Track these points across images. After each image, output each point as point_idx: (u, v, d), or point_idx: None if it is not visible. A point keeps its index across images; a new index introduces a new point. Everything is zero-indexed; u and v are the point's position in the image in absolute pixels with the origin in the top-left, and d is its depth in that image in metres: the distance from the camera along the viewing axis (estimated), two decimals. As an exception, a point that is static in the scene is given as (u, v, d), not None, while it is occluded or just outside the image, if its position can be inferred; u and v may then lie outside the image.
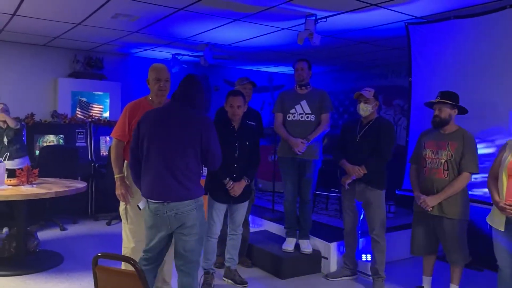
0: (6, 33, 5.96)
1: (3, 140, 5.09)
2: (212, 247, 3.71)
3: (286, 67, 8.74)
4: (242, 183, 3.60)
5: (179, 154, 2.62)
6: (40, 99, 6.89)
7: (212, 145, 2.70)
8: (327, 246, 4.24)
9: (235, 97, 3.59)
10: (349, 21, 4.80)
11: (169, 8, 4.48)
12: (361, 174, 3.67)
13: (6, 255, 4.24)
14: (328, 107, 4.10)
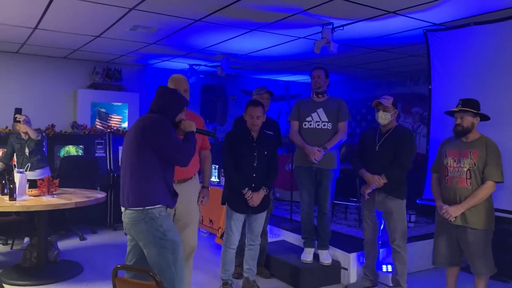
0: (28, 47, 6.10)
1: (24, 151, 5.16)
2: (230, 258, 3.69)
3: (303, 75, 8.73)
4: (260, 193, 3.59)
5: (133, 159, 2.59)
6: (60, 110, 7.02)
7: (167, 143, 2.55)
8: (346, 256, 4.17)
9: (255, 108, 3.57)
10: (366, 29, 4.77)
11: (186, 19, 4.52)
12: (381, 183, 3.62)
13: (28, 264, 4.28)
14: (346, 115, 4.06)
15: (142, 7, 4.08)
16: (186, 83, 3.25)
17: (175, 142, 2.58)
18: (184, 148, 2.61)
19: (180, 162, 2.65)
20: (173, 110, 2.72)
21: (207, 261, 4.67)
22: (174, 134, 2.61)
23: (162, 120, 2.60)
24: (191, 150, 2.66)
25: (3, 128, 6.31)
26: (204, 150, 3.46)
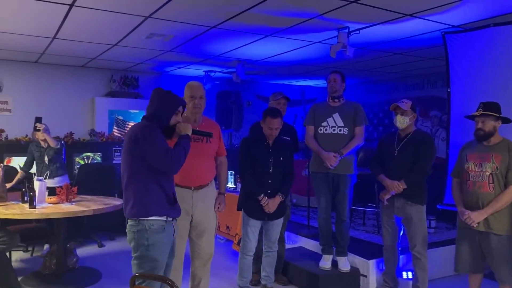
0: (46, 56, 6.21)
1: (44, 159, 5.23)
2: (248, 265, 3.67)
3: (318, 80, 8.70)
4: (276, 199, 3.56)
5: (126, 169, 2.57)
6: (78, 118, 7.12)
7: (151, 150, 2.47)
8: (365, 263, 4.11)
9: (274, 120, 3.52)
10: (383, 32, 4.73)
11: (202, 26, 4.54)
12: (400, 189, 3.56)
13: (47, 271, 4.32)
14: (362, 120, 4.00)
15: (158, 15, 4.11)
16: (201, 89, 3.25)
17: (159, 149, 2.47)
18: (170, 154, 2.47)
19: (167, 170, 2.53)
20: (165, 113, 2.62)
21: (224, 268, 4.65)
22: (159, 140, 2.50)
23: (147, 127, 2.53)
24: (179, 156, 2.52)
25: (23, 137, 6.43)
26: (220, 156, 3.45)
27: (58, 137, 6.48)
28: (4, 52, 5.95)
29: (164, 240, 2.55)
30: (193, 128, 2.83)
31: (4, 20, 4.33)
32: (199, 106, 3.20)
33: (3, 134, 6.43)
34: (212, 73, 7.55)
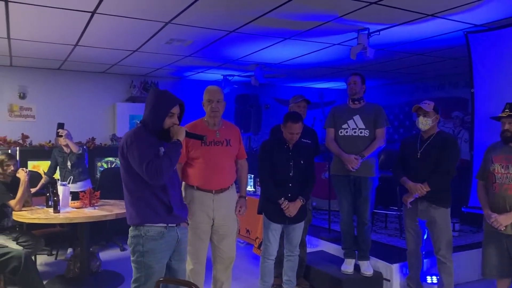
0: (69, 63, 6.32)
1: (67, 164, 5.32)
2: (269, 269, 3.65)
3: (337, 82, 8.64)
4: (297, 203, 3.54)
5: (123, 177, 2.54)
6: (100, 123, 7.23)
7: (133, 159, 2.38)
8: (389, 267, 4.05)
9: (295, 125, 3.48)
10: (403, 33, 4.67)
11: (221, 31, 4.56)
12: (424, 191, 3.49)
13: (71, 275, 4.39)
14: (384, 122, 3.96)
15: (177, 21, 4.15)
16: (219, 93, 3.25)
17: (139, 159, 2.35)
18: (150, 166, 2.32)
19: (148, 181, 2.37)
20: (156, 116, 2.49)
21: (245, 272, 4.64)
22: (142, 148, 2.37)
23: (134, 134, 2.44)
24: (160, 167, 2.34)
25: (47, 142, 6.55)
26: (240, 159, 3.46)
27: (81, 142, 6.59)
28: (28, 60, 6.09)
29: (161, 248, 2.48)
30: (191, 131, 2.73)
31: (28, 28, 4.43)
32: (216, 109, 3.21)
33: (27, 140, 6.57)
34: (231, 77, 7.58)
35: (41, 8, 3.74)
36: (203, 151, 3.19)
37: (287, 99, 4.44)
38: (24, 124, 6.67)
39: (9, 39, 4.86)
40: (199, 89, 4.92)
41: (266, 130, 8.78)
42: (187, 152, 3.21)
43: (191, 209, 3.18)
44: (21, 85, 6.71)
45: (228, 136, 3.31)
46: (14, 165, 4.33)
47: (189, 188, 3.25)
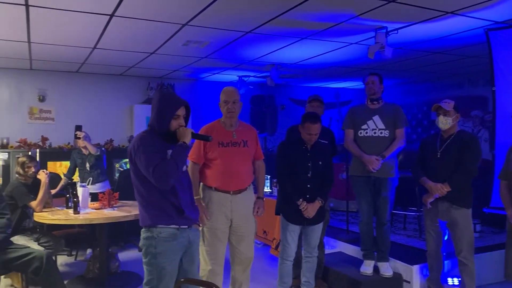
0: (87, 66, 6.41)
1: (85, 166, 5.39)
2: (288, 270, 3.63)
3: (353, 82, 8.58)
4: (316, 204, 3.51)
5: (133, 180, 2.53)
6: (118, 125, 7.31)
7: (140, 163, 2.38)
8: (408, 268, 3.99)
9: (313, 125, 3.45)
10: (422, 31, 4.60)
11: (237, 32, 4.56)
12: (444, 192, 3.44)
13: (91, 275, 4.44)
14: (403, 121, 3.91)
15: (194, 22, 4.16)
16: (235, 94, 3.25)
17: (146, 163, 2.35)
18: (156, 169, 2.32)
19: (156, 185, 2.37)
20: (162, 119, 2.47)
21: (263, 273, 4.63)
22: (148, 152, 2.37)
23: (141, 138, 2.44)
24: (166, 171, 2.33)
25: (66, 144, 6.65)
26: (257, 160, 3.45)
27: (99, 144, 6.67)
28: (47, 63, 6.19)
29: (174, 249, 2.48)
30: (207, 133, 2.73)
31: (48, 32, 4.50)
32: (233, 110, 3.21)
33: (47, 142, 6.67)
34: (246, 78, 7.58)
35: (60, 11, 3.79)
36: (220, 152, 3.20)
37: (303, 99, 4.42)
38: (44, 127, 6.78)
39: (29, 43, 4.95)
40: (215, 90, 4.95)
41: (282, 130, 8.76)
42: (205, 153, 3.22)
43: (209, 210, 3.19)
44: (41, 88, 6.81)
45: (245, 137, 3.31)
46: (34, 167, 4.40)
47: (207, 189, 3.26)
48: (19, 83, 6.68)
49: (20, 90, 6.69)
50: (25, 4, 3.59)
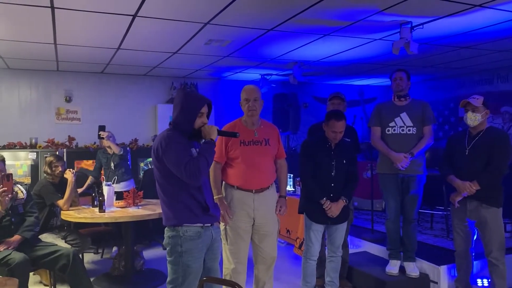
0: (111, 66, 6.50)
1: (110, 165, 5.47)
2: (311, 269, 3.60)
3: (378, 79, 8.43)
4: (340, 203, 3.47)
5: (156, 181, 2.55)
6: (142, 125, 7.39)
7: (170, 162, 2.40)
8: (436, 269, 3.90)
9: (338, 123, 3.40)
10: (449, 25, 4.47)
11: (259, 29, 4.54)
12: (473, 190, 3.34)
13: (116, 273, 4.50)
14: (431, 118, 3.85)
15: (216, 21, 4.16)
16: (255, 92, 3.23)
17: (177, 161, 2.38)
18: (188, 167, 2.36)
19: (188, 182, 2.42)
20: (187, 118, 2.51)
21: (286, 272, 4.60)
22: (178, 151, 2.40)
23: (168, 137, 2.45)
24: (198, 167, 2.37)
25: (92, 144, 6.77)
26: (279, 159, 3.43)
27: (124, 143, 6.77)
28: (73, 64, 6.30)
29: (199, 247, 2.50)
30: (223, 129, 2.74)
31: (73, 33, 4.58)
32: (253, 108, 3.20)
33: (73, 142, 6.81)
34: (268, 76, 7.55)
35: (85, 13, 3.85)
36: (242, 151, 3.19)
37: (326, 98, 4.35)
38: (71, 127, 6.92)
39: (55, 45, 5.05)
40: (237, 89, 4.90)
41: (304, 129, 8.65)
42: (227, 152, 3.22)
43: (232, 209, 3.19)
44: (67, 89, 6.95)
45: (266, 135, 3.29)
46: (62, 166, 4.49)
47: (229, 187, 3.26)
48: (47, 84, 6.84)
49: (47, 91, 6.85)
50: (50, 6, 3.66)
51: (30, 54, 5.56)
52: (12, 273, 3.26)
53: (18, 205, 3.73)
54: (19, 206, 3.74)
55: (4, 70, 6.56)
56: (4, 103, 6.61)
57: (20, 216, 3.73)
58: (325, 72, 7.43)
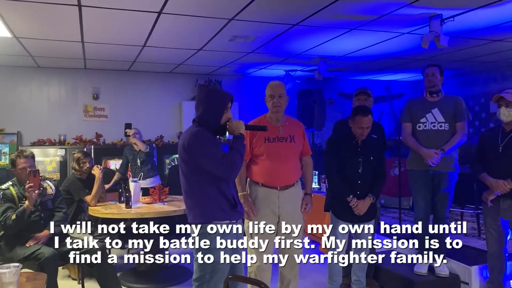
0: (137, 64, 6.57)
1: (137, 162, 5.53)
2: (337, 268, 3.55)
3: (406, 74, 8.26)
4: (367, 201, 3.40)
5: (183, 177, 2.53)
6: (167, 122, 7.47)
7: (205, 160, 2.40)
8: (467, 269, 3.78)
9: (364, 118, 3.32)
10: (481, 17, 4.33)
11: (284, 25, 4.50)
12: (507, 189, 3.23)
13: (143, 268, 4.55)
14: (465, 114, 3.71)
15: (240, 17, 4.14)
16: (281, 88, 3.19)
17: (213, 157, 2.39)
18: (225, 161, 2.38)
19: (224, 177, 2.44)
20: (214, 114, 2.50)
21: (312, 270, 4.55)
22: (211, 147, 2.42)
23: (197, 134, 2.44)
24: (234, 161, 2.40)
25: (118, 141, 6.87)
26: (305, 156, 3.38)
27: (150, 140, 6.84)
28: (101, 62, 6.40)
29: (226, 244, 2.50)
30: (255, 124, 2.77)
31: (100, 31, 4.64)
32: (278, 104, 3.16)
33: (100, 139, 6.93)
34: (293, 72, 7.49)
35: (111, 10, 3.89)
36: (267, 147, 3.16)
37: (351, 93, 4.27)
38: (98, 124, 7.04)
39: (83, 43, 5.13)
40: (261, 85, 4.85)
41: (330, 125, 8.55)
42: (251, 149, 3.20)
43: (256, 206, 3.17)
44: (95, 86, 7.08)
45: (291, 132, 3.25)
46: (89, 162, 4.56)
47: (254, 184, 3.23)
48: (75, 82, 6.97)
49: (75, 89, 6.99)
50: (77, 5, 3.71)
51: (59, 53, 5.67)
52: (42, 267, 3.32)
53: (47, 201, 3.80)
54: (48, 201, 3.81)
55: (34, 69, 6.72)
56: (34, 101, 6.78)
57: (49, 211, 3.80)
58: (351, 67, 7.33)
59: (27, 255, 3.42)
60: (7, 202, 3.48)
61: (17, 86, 6.69)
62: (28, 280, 2.49)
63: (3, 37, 4.72)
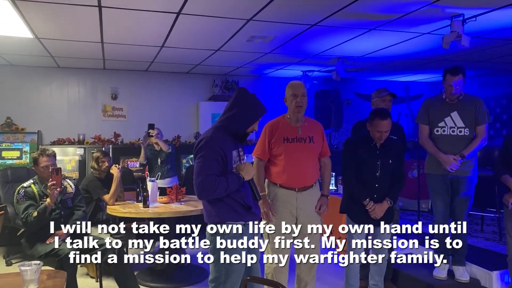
0: (155, 64, 6.62)
1: (157, 161, 5.57)
2: (355, 271, 3.51)
3: (425, 74, 8.14)
4: (384, 204, 3.34)
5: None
6: (184, 122, 7.50)
7: (196, 162, 2.44)
8: (487, 274, 3.71)
9: (383, 121, 3.26)
10: (504, 17, 4.23)
11: (302, 25, 4.47)
12: (530, 192, 3.14)
13: (159, 267, 4.57)
14: (486, 117, 3.61)
15: (259, 17, 4.13)
16: (303, 88, 3.20)
17: (201, 168, 2.40)
18: (204, 182, 2.38)
19: (196, 193, 2.46)
20: (245, 122, 2.53)
21: (329, 273, 4.51)
22: (210, 159, 2.40)
23: (209, 139, 2.44)
24: (214, 188, 2.37)
25: (137, 140, 6.93)
26: (323, 157, 3.36)
27: (167, 140, 6.88)
28: (119, 62, 6.47)
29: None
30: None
31: (119, 32, 4.68)
32: (301, 104, 3.15)
33: (119, 139, 7.00)
34: (310, 73, 7.45)
35: (131, 11, 3.92)
36: (285, 148, 3.15)
37: (369, 94, 4.21)
38: (116, 123, 7.12)
39: (102, 43, 5.19)
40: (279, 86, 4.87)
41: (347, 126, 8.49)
42: (270, 149, 3.19)
43: (274, 207, 3.16)
44: (113, 86, 7.15)
45: (310, 133, 3.23)
46: (108, 161, 4.61)
47: (272, 185, 3.23)
48: (94, 82, 7.06)
49: (94, 89, 7.07)
50: (98, 6, 3.75)
51: (79, 53, 5.74)
52: (62, 264, 3.37)
53: (67, 199, 3.85)
54: (68, 200, 3.86)
55: (55, 69, 6.82)
56: (54, 100, 6.88)
57: (69, 209, 3.85)
58: (369, 68, 7.25)
59: (48, 252, 3.47)
60: (28, 199, 3.55)
61: (38, 86, 6.80)
62: (48, 277, 2.52)
63: (25, 38, 4.80)
